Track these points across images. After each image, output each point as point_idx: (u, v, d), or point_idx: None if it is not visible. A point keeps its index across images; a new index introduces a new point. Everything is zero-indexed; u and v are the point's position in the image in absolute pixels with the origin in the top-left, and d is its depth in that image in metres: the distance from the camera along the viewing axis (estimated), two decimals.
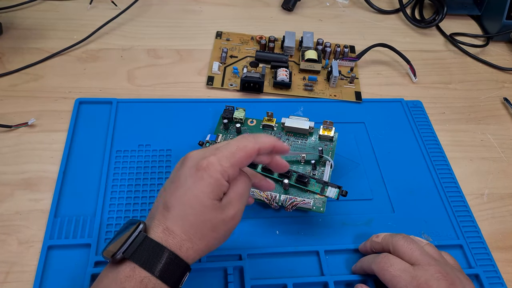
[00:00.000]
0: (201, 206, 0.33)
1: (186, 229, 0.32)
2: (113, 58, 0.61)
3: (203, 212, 0.33)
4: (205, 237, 0.33)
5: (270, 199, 0.44)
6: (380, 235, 0.42)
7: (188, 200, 0.33)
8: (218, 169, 0.33)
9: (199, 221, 0.33)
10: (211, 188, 0.33)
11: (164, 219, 0.33)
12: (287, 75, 0.58)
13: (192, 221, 0.32)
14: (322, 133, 0.50)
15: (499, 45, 0.72)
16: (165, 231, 0.32)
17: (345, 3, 0.76)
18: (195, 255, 0.33)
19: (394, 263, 0.38)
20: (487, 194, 0.52)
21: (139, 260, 0.31)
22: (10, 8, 0.66)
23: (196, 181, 0.33)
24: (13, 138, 0.51)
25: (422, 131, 0.56)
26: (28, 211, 0.45)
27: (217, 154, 0.34)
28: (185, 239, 0.32)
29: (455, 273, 0.37)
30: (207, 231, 0.33)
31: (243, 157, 0.34)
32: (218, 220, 0.33)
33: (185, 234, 0.32)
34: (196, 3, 0.72)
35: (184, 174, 0.34)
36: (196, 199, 0.33)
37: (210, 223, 0.33)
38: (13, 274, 0.41)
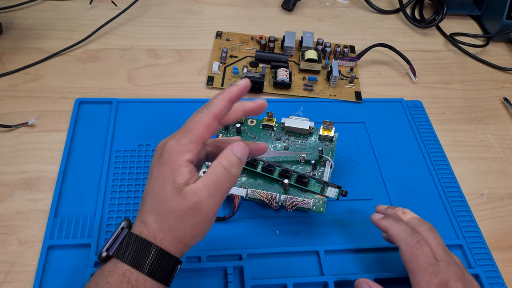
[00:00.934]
0: (165, 192, 0.32)
1: (156, 219, 0.32)
2: (113, 58, 0.61)
3: (166, 200, 0.31)
4: (173, 229, 0.32)
5: (270, 199, 0.44)
6: (406, 212, 0.40)
7: (154, 189, 0.32)
8: (177, 150, 0.32)
9: (166, 210, 0.32)
10: (171, 171, 0.32)
11: (141, 213, 0.33)
12: (287, 75, 0.58)
13: (160, 210, 0.32)
14: (322, 133, 0.50)
15: (499, 45, 0.72)
16: (141, 223, 0.32)
17: (345, 3, 0.76)
18: (172, 247, 0.32)
19: (425, 253, 0.36)
20: (487, 194, 0.52)
21: (120, 255, 0.31)
22: (10, 8, 0.66)
23: (159, 168, 0.32)
24: (13, 138, 0.51)
25: (422, 131, 0.56)
26: (28, 211, 0.45)
27: (175, 135, 0.33)
28: (156, 229, 0.32)
29: (466, 275, 0.37)
30: (173, 222, 0.31)
31: (201, 129, 0.33)
32: (181, 209, 0.31)
33: (156, 224, 0.32)
34: (196, 3, 0.72)
35: (152, 165, 0.34)
36: (160, 187, 0.32)
37: (174, 213, 0.31)
38: (13, 274, 0.41)
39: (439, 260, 0.36)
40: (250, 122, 0.52)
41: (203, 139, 0.33)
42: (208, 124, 0.33)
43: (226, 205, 0.47)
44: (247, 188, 0.45)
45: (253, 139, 0.50)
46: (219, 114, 0.34)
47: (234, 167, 0.33)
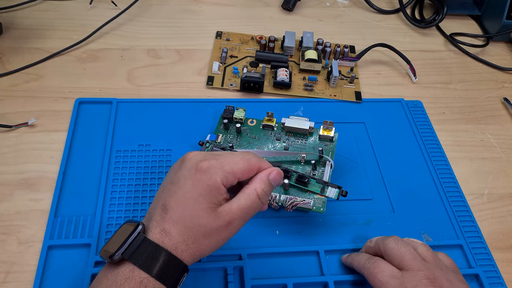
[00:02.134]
0: (197, 209, 0.32)
1: (182, 231, 0.32)
2: (113, 58, 0.61)
3: (199, 216, 0.32)
4: (198, 242, 0.33)
5: (270, 199, 0.44)
6: (373, 239, 0.42)
7: (186, 202, 0.33)
8: (218, 173, 0.33)
9: (194, 225, 0.32)
10: (208, 190, 0.33)
11: (162, 221, 0.33)
12: (287, 75, 0.58)
13: (188, 224, 0.32)
14: (322, 133, 0.50)
15: (499, 45, 0.72)
16: (162, 232, 0.32)
17: (345, 3, 0.76)
18: (189, 258, 0.33)
19: (383, 269, 0.38)
20: (487, 194, 0.52)
21: (138, 261, 0.31)
22: (10, 8, 0.66)
23: (195, 183, 0.33)
24: (13, 138, 0.51)
25: (422, 131, 0.56)
26: (28, 211, 0.45)
27: (219, 159, 0.34)
28: (180, 241, 0.32)
29: (447, 276, 0.37)
30: (200, 236, 0.33)
31: (245, 167, 0.34)
32: (212, 227, 0.33)
33: (180, 237, 0.32)
34: (196, 3, 0.72)
35: (184, 176, 0.34)
36: (193, 201, 0.32)
37: (204, 228, 0.32)
38: (13, 274, 0.41)
39: (405, 268, 0.37)
40: (250, 122, 0.52)
41: (241, 177, 0.34)
42: (253, 168, 0.35)
43: None
44: None
45: (253, 139, 0.50)
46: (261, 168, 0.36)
47: (266, 195, 0.35)
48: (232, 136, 0.51)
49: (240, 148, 0.49)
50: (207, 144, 0.48)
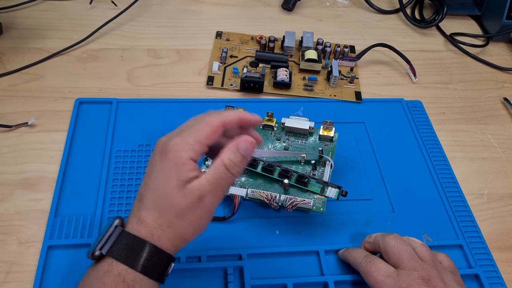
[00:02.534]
0: (167, 189, 0.32)
1: (156, 216, 0.32)
2: (113, 58, 0.61)
3: (169, 196, 0.31)
4: (173, 224, 0.32)
5: (270, 199, 0.44)
6: (372, 235, 0.42)
7: (156, 186, 0.32)
8: (183, 148, 0.32)
9: (166, 207, 0.32)
10: (176, 168, 0.32)
11: (138, 211, 0.32)
12: (287, 75, 0.58)
13: (161, 207, 0.32)
14: (322, 133, 0.50)
15: (499, 45, 0.72)
16: (138, 222, 0.32)
17: (345, 3, 0.76)
18: (168, 245, 0.32)
19: (379, 267, 0.38)
20: (487, 194, 0.52)
21: (115, 254, 0.31)
22: (10, 8, 0.66)
23: (163, 165, 0.32)
24: (13, 138, 0.51)
25: (422, 131, 0.56)
26: (28, 211, 0.45)
27: (182, 133, 0.33)
28: (154, 227, 0.32)
29: (443, 276, 0.37)
30: (173, 217, 0.32)
31: (208, 132, 0.33)
32: (183, 205, 0.31)
33: (155, 222, 0.32)
34: (196, 3, 0.72)
35: (154, 162, 0.33)
36: (162, 183, 0.32)
37: (175, 209, 0.31)
38: (13, 274, 0.41)
39: (401, 268, 0.37)
40: None
41: (208, 142, 0.33)
42: (216, 129, 0.33)
43: (226, 205, 0.47)
44: (247, 188, 0.45)
45: None
46: (227, 123, 0.34)
47: (236, 166, 0.33)
48: None
49: None
50: None
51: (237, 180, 0.47)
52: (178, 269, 0.41)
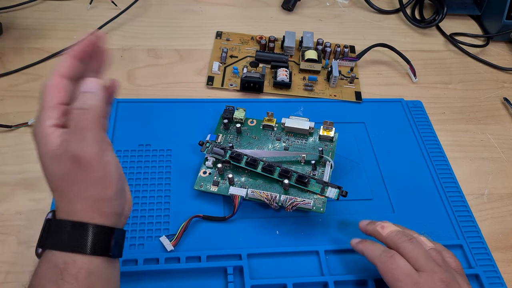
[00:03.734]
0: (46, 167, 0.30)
1: (56, 195, 0.30)
2: (113, 58, 0.61)
3: (50, 172, 0.30)
4: (65, 192, 0.30)
5: (270, 199, 0.44)
6: (385, 226, 0.40)
7: (42, 169, 0.31)
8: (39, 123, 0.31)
9: (54, 181, 0.30)
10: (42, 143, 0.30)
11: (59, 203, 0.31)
12: (287, 75, 0.58)
13: (53, 186, 0.30)
14: (322, 134, 0.50)
15: (499, 45, 0.72)
16: (56, 208, 0.31)
17: (345, 3, 0.76)
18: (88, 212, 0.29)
19: (400, 265, 0.37)
20: (487, 194, 0.52)
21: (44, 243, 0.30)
22: (10, 8, 0.66)
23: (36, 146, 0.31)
24: (13, 138, 0.51)
25: (422, 131, 0.56)
26: (28, 211, 0.45)
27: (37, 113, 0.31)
28: (63, 204, 0.30)
29: (457, 279, 0.37)
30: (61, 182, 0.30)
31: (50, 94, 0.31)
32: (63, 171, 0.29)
33: (58, 199, 0.30)
34: (196, 3, 0.72)
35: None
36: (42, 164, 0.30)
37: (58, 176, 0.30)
38: (13, 274, 0.41)
39: (420, 270, 0.37)
40: (250, 122, 0.52)
41: (57, 101, 0.31)
42: (55, 85, 0.31)
43: (226, 205, 0.47)
44: (247, 188, 0.45)
45: (253, 139, 0.50)
46: (65, 72, 0.31)
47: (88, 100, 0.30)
48: (232, 136, 0.51)
49: (240, 148, 0.49)
50: (207, 144, 0.48)
51: (237, 180, 0.47)
52: (178, 269, 0.41)
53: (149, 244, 0.43)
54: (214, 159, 0.48)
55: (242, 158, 0.47)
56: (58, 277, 0.28)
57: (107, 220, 0.30)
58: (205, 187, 0.47)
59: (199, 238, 0.44)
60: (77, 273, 0.28)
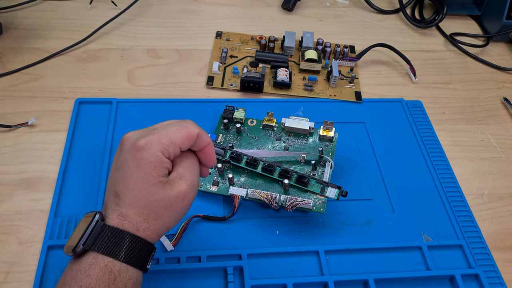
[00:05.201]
0: (149, 187, 0.32)
1: (139, 211, 0.32)
2: (113, 58, 0.61)
3: (152, 193, 0.32)
4: (160, 216, 0.33)
5: (270, 199, 0.44)
6: None
7: (135, 184, 0.32)
8: (157, 147, 0.33)
9: (151, 202, 0.32)
10: (152, 166, 0.32)
11: (117, 207, 0.33)
12: (287, 75, 0.58)
13: (144, 203, 0.32)
14: (322, 134, 0.50)
15: (499, 45, 0.72)
16: (120, 216, 0.32)
17: (345, 3, 0.76)
18: (153, 235, 0.33)
19: None
20: (487, 194, 0.52)
21: (100, 248, 0.31)
22: (10, 8, 0.66)
23: (138, 162, 0.32)
24: (13, 138, 0.51)
25: (422, 131, 0.56)
26: (28, 211, 0.45)
27: (156, 133, 0.33)
28: (140, 221, 0.32)
29: None
30: (161, 210, 0.33)
31: (184, 136, 0.34)
32: (170, 197, 0.33)
33: (140, 216, 0.32)
34: (196, 3, 0.72)
35: (125, 158, 0.33)
36: (142, 181, 0.32)
37: (163, 202, 0.33)
38: (13, 274, 0.41)
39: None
40: (250, 122, 0.52)
41: (182, 146, 0.34)
42: (191, 136, 0.34)
43: (226, 205, 0.47)
44: (247, 188, 0.45)
45: (253, 139, 0.51)
46: (200, 138, 0.35)
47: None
48: (232, 136, 0.51)
49: (240, 148, 0.49)
50: None
51: (237, 180, 0.47)
52: (178, 269, 0.41)
53: None
54: None
55: (242, 158, 0.47)
56: (111, 282, 0.31)
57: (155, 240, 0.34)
58: (205, 187, 0.47)
59: (199, 238, 0.44)
60: (127, 281, 0.31)
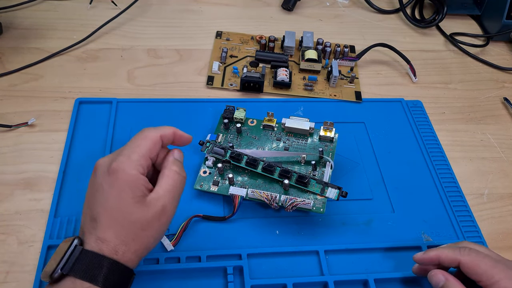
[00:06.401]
0: (125, 207, 0.32)
1: (118, 233, 0.32)
2: (113, 58, 0.61)
3: (129, 213, 0.32)
4: (139, 237, 0.33)
5: (270, 199, 0.44)
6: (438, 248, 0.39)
7: (111, 205, 0.32)
8: (130, 166, 0.33)
9: (128, 223, 0.32)
10: (128, 186, 0.33)
11: (94, 230, 0.32)
12: (287, 75, 0.58)
13: (122, 224, 0.32)
14: (322, 134, 0.50)
15: (499, 45, 0.72)
16: (97, 240, 0.32)
17: (345, 3, 0.76)
18: (133, 256, 0.33)
19: (486, 255, 0.36)
20: (487, 194, 0.52)
21: (78, 273, 0.31)
22: (10, 8, 0.66)
23: (112, 184, 0.33)
24: (13, 138, 0.51)
25: (422, 131, 0.56)
26: (28, 211, 0.45)
27: (123, 153, 0.34)
28: (118, 244, 0.32)
29: None
30: (138, 231, 0.33)
31: (149, 145, 0.34)
32: (147, 218, 0.33)
33: (118, 239, 0.32)
34: (196, 3, 0.72)
35: (100, 183, 0.33)
36: (117, 201, 0.32)
37: (139, 223, 0.32)
38: (13, 274, 0.41)
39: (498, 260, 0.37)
40: (251, 122, 0.52)
41: (150, 155, 0.35)
42: (155, 141, 0.35)
43: (226, 205, 0.47)
44: (247, 188, 0.45)
45: (253, 139, 0.51)
46: (163, 136, 0.36)
47: (182, 170, 0.37)
48: (233, 136, 0.51)
49: (240, 148, 0.49)
50: (207, 144, 0.48)
51: (237, 180, 0.47)
52: (178, 269, 0.41)
53: None
54: (214, 159, 0.48)
55: (242, 158, 0.47)
56: None
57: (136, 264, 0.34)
58: (205, 187, 0.47)
59: (199, 238, 0.44)
60: None
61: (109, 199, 0.32)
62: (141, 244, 0.33)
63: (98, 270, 0.31)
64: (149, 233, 0.33)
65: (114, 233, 0.32)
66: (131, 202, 0.32)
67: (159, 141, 0.35)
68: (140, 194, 0.33)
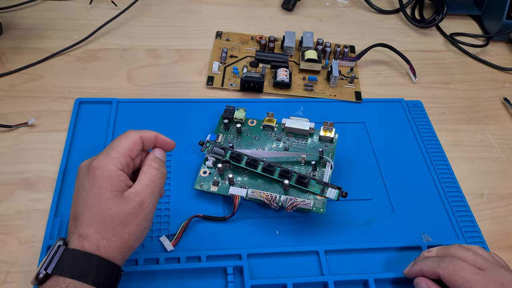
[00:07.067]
0: (103, 202, 0.33)
1: (97, 229, 0.33)
2: (113, 58, 0.61)
3: (107, 207, 0.33)
4: (118, 233, 0.33)
5: (270, 199, 0.44)
6: (431, 250, 0.42)
7: (90, 202, 0.33)
8: (109, 162, 0.34)
9: (107, 217, 0.33)
10: (107, 181, 0.33)
11: (76, 228, 0.33)
12: (287, 75, 0.58)
13: (100, 219, 0.33)
14: (322, 134, 0.50)
15: (499, 45, 0.72)
16: (79, 238, 0.32)
17: (345, 3, 0.76)
18: (116, 253, 0.33)
19: (464, 266, 0.37)
20: (487, 194, 0.52)
21: (61, 271, 0.31)
22: (10, 8, 0.66)
23: (92, 181, 0.33)
24: (13, 138, 0.51)
25: (422, 131, 0.56)
26: (28, 211, 0.45)
27: (103, 152, 0.35)
28: (99, 239, 0.32)
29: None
30: (117, 226, 0.33)
31: (128, 144, 0.35)
32: (125, 212, 0.33)
33: (98, 234, 0.33)
34: (196, 3, 0.72)
35: (81, 182, 0.34)
36: (97, 197, 0.33)
37: (118, 217, 0.33)
38: (13, 274, 0.41)
39: (483, 268, 0.37)
40: (251, 122, 0.52)
41: (130, 154, 0.36)
42: (135, 141, 0.36)
43: (226, 205, 0.47)
44: (247, 189, 0.45)
45: (253, 139, 0.51)
46: (144, 137, 0.37)
47: (162, 167, 0.37)
48: (233, 136, 0.51)
49: (240, 148, 0.49)
50: (207, 144, 0.48)
51: (237, 180, 0.47)
52: (178, 269, 0.41)
53: (149, 244, 0.43)
54: (214, 159, 0.48)
55: (242, 158, 0.47)
56: None
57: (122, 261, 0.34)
58: (205, 187, 0.47)
59: (199, 238, 0.44)
60: None
61: (90, 197, 0.33)
62: (122, 241, 0.33)
63: (84, 267, 0.31)
64: (128, 229, 0.33)
65: (94, 229, 0.33)
66: (110, 196, 0.33)
67: (139, 142, 0.36)
68: (119, 189, 0.34)
